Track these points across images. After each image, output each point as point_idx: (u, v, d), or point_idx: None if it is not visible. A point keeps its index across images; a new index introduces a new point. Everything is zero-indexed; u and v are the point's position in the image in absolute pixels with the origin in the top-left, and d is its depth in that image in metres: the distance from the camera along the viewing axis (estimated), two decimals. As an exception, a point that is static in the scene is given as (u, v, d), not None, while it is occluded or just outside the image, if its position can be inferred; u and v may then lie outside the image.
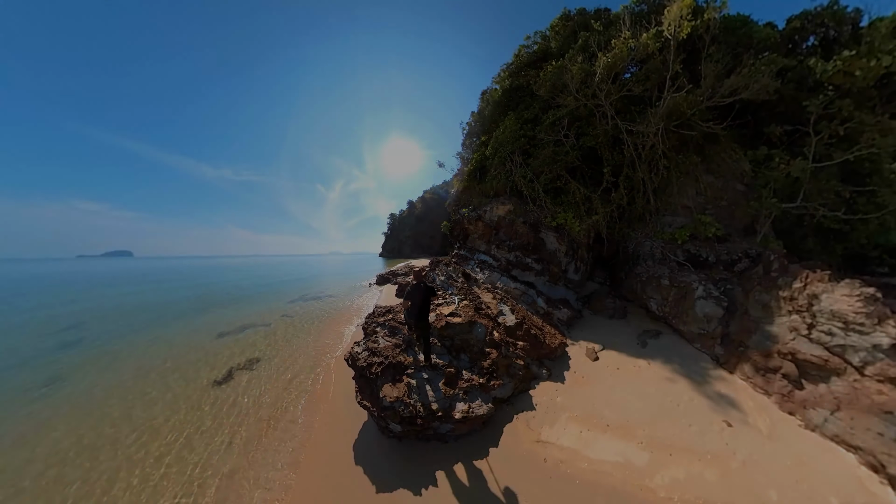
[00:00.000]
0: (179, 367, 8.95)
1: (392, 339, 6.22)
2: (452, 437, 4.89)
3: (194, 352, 10.14)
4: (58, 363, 9.48)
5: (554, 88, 11.84)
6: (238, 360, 9.18)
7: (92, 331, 13.21)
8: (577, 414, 5.41)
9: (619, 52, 9.60)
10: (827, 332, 5.32)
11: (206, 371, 8.54)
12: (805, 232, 9.67)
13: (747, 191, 10.25)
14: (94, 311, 17.47)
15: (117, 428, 6.07)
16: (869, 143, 7.83)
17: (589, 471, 4.25)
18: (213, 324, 13.78)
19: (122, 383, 8.00)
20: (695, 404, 5.57)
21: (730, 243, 9.25)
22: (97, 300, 21.73)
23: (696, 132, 9.67)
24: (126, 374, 8.60)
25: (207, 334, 12.11)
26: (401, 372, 5.41)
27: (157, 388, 7.67)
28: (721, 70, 9.29)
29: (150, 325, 14.03)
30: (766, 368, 5.92)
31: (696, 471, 4.16)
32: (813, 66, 8.75)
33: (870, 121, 7.91)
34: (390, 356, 5.61)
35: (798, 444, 4.56)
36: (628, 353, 7.50)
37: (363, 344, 6.06)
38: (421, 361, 5.76)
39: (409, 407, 4.72)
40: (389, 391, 4.94)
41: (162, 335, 12.27)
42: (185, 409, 6.66)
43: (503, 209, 12.01)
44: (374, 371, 5.27)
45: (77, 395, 7.41)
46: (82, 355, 10.15)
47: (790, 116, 9.89)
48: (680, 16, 8.85)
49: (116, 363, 9.46)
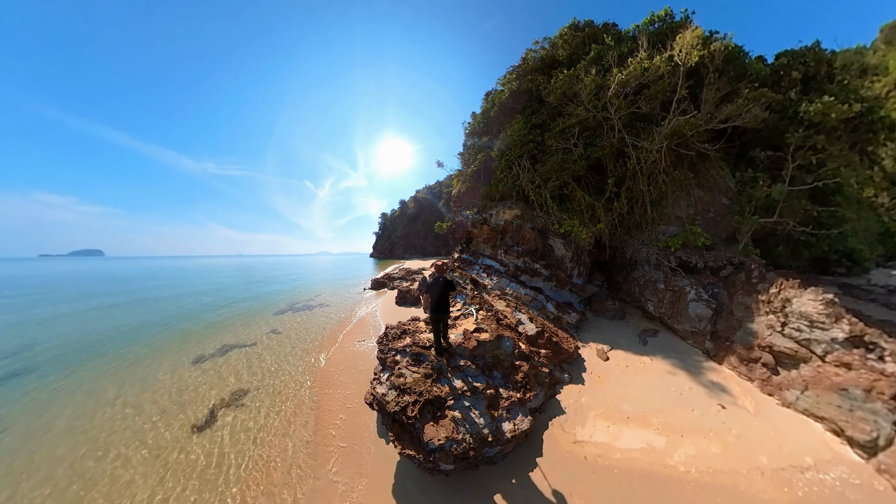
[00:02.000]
0: (144, 405, 7.50)
1: (419, 369, 5.69)
2: (500, 457, 4.87)
3: (166, 385, 8.62)
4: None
5: (564, 97, 12.86)
6: (221, 393, 8.01)
7: (38, 357, 10.93)
8: (601, 411, 6.27)
9: (633, 71, 10.75)
10: (797, 329, 6.73)
11: (182, 412, 7.18)
12: (777, 241, 11.51)
13: (731, 204, 11.90)
14: (45, 329, 14.79)
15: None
16: (835, 171, 9.66)
17: (622, 459, 5.06)
18: (190, 344, 12.17)
19: (66, 434, 6.46)
20: (694, 392, 6.77)
21: (716, 251, 10.76)
22: (52, 311, 19.23)
23: (693, 151, 11.08)
24: (73, 419, 7.02)
25: (183, 359, 10.56)
26: (441, 406, 5.02)
27: (129, 440, 6.25)
28: (718, 97, 10.73)
29: (113, 345, 12.10)
30: (748, 359, 7.29)
31: (703, 446, 5.26)
32: (798, 106, 10.49)
33: (837, 153, 9.70)
34: (424, 391, 5.15)
35: (777, 419, 5.84)
36: (633, 351, 8.67)
37: (386, 381, 5.56)
38: (440, 358, 5.93)
39: (461, 443, 4.45)
40: (434, 432, 4.55)
41: (127, 360, 10.57)
42: (156, 471, 5.36)
43: (510, 213, 12.88)
44: (412, 414, 4.80)
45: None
46: (19, 391, 8.40)
47: (770, 142, 11.64)
48: (692, 45, 10.10)
49: (60, 403, 7.74)
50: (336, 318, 15.83)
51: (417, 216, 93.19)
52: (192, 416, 7.12)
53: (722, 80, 10.81)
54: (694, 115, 10.54)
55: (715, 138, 11.58)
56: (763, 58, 13.41)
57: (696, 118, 10.55)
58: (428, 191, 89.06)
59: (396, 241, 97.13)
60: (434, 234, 67.09)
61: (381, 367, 6.17)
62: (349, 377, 8.74)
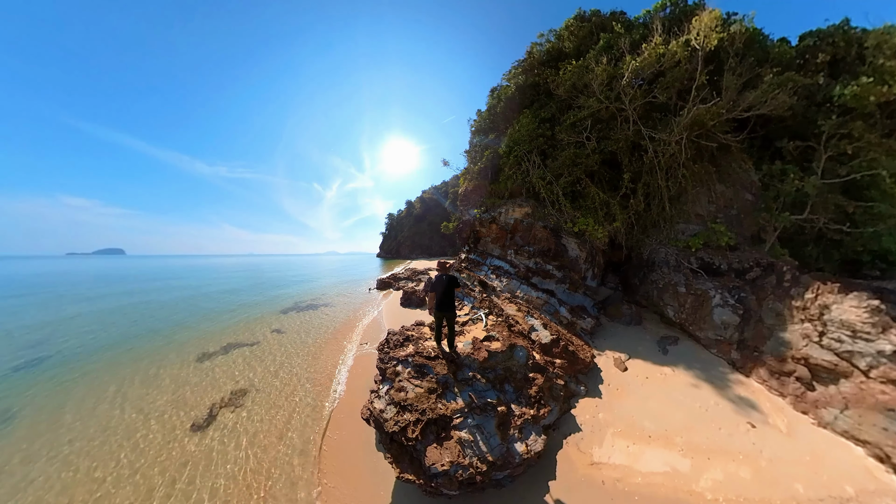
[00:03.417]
0: (152, 401, 8.02)
1: (423, 382, 5.27)
2: (508, 480, 4.60)
3: (169, 383, 9.10)
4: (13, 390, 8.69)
5: (574, 89, 12.41)
6: (221, 392, 8.32)
7: (57, 346, 12.29)
8: (620, 429, 5.95)
9: (648, 58, 10.27)
10: (837, 339, 6.27)
11: (184, 410, 7.57)
12: (806, 240, 10.89)
13: (755, 200, 11.33)
14: (64, 321, 16.38)
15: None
16: (872, 162, 8.99)
17: (644, 485, 4.77)
18: (194, 339, 12.97)
19: (78, 423, 7.06)
20: (720, 408, 6.43)
21: (741, 252, 10.25)
22: (71, 307, 20.76)
23: (714, 143, 10.55)
24: (83, 410, 7.65)
25: (187, 355, 11.19)
26: (446, 427, 4.61)
27: (141, 430, 6.77)
28: (741, 83, 10.16)
29: (125, 339, 13.13)
30: (780, 372, 6.88)
31: (732, 471, 4.94)
32: (828, 91, 9.84)
33: (876, 141, 9.04)
34: (427, 408, 4.77)
35: (813, 441, 5.47)
36: (653, 360, 8.33)
37: (385, 395, 5.17)
38: (448, 353, 5.84)
39: (467, 469, 4.11)
40: (438, 456, 4.20)
41: (134, 354, 11.41)
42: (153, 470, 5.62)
43: (520, 212, 12.53)
44: (413, 435, 4.45)
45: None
46: (36, 380, 9.30)
47: (798, 131, 10.99)
48: (710, 27, 9.56)
49: (73, 392, 8.52)
50: (339, 319, 16.12)
51: (423, 216, 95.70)
52: (192, 414, 7.42)
53: (743, 65, 10.27)
54: (715, 102, 10.02)
55: (737, 128, 11.01)
56: (786, 40, 12.72)
57: (718, 106, 10.02)
58: (434, 191, 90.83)
59: (403, 241, 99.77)
60: (440, 234, 68.65)
61: (380, 378, 5.85)
62: (348, 383, 8.79)
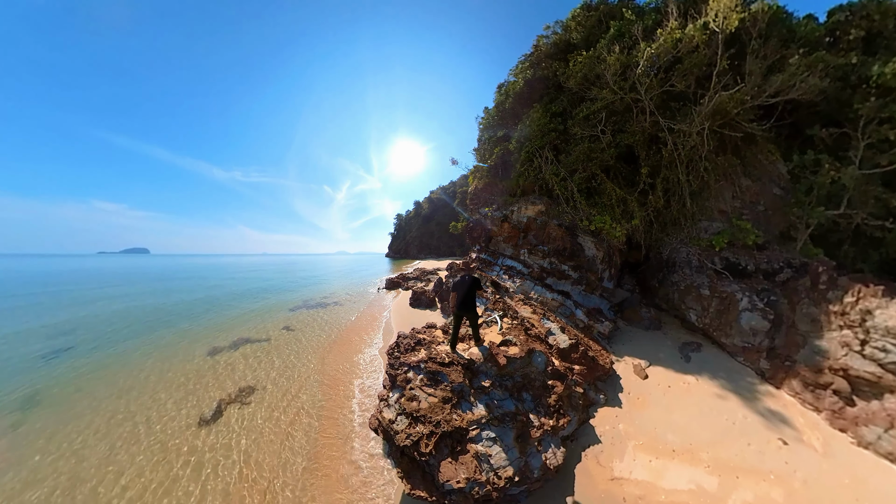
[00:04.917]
0: (161, 394, 8.56)
1: (436, 391, 5.05)
2: (524, 495, 4.42)
3: (179, 376, 9.69)
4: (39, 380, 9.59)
5: (585, 80, 12.01)
6: (230, 388, 8.75)
7: (81, 337, 13.78)
8: (642, 441, 5.78)
9: (664, 43, 9.83)
10: (881, 349, 5.87)
11: (192, 403, 8.03)
12: (840, 238, 10.28)
13: (784, 195, 10.76)
14: (91, 316, 17.95)
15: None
16: None
17: (668, 503, 4.60)
18: (207, 334, 14.06)
19: (92, 414, 7.65)
20: (749, 422, 6.13)
21: (769, 251, 9.77)
22: (98, 302, 22.55)
23: (738, 133, 10.05)
24: (101, 399, 8.37)
25: (199, 349, 12.00)
26: (461, 439, 4.43)
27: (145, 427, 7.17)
28: (765, 67, 9.63)
29: (144, 332, 14.60)
30: (815, 384, 6.51)
31: (763, 492, 4.70)
32: (864, 70, 9.18)
33: None
34: (442, 420, 4.56)
35: (853, 462, 5.15)
36: (675, 368, 8.04)
37: (395, 404, 5.02)
38: (452, 355, 5.77)
39: (484, 486, 3.96)
40: (453, 472, 4.04)
41: (152, 347, 12.46)
42: (160, 466, 5.95)
43: (533, 209, 12.26)
44: (426, 450, 4.28)
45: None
46: (60, 369, 10.30)
47: (830, 116, 10.33)
48: (729, 7, 9.06)
49: (94, 382, 9.41)
50: (348, 319, 16.60)
51: (431, 217, 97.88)
52: (199, 409, 7.77)
53: (767, 47, 9.74)
54: (739, 89, 9.53)
55: (763, 116, 10.44)
56: (813, 16, 12.00)
57: (741, 92, 9.53)
58: (442, 191, 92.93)
59: (411, 241, 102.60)
60: (448, 235, 70.40)
61: (389, 384, 5.66)
62: (356, 385, 8.92)
